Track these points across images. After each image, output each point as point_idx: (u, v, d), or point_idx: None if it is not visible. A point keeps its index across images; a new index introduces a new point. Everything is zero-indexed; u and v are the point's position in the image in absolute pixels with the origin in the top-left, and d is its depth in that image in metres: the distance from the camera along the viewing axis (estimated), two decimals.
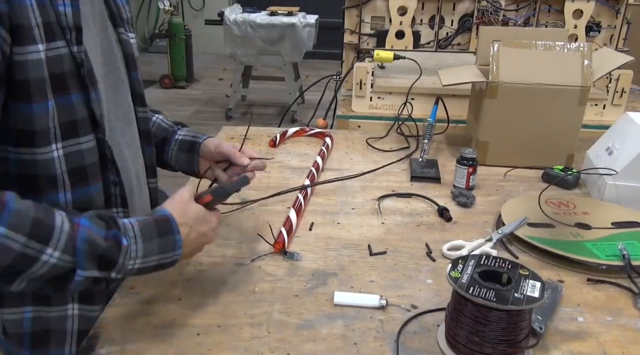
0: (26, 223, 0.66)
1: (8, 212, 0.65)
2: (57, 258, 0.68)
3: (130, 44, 0.94)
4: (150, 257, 0.76)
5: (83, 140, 0.82)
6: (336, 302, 0.88)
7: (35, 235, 0.66)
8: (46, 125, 0.76)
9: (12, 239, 0.65)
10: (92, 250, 0.70)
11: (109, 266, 0.72)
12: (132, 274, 0.76)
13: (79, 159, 0.82)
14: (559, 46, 1.39)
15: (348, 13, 1.92)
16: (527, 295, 0.73)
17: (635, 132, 1.22)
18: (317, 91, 2.15)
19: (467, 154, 1.28)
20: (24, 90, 0.73)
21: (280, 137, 1.59)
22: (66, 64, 0.77)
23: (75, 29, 0.78)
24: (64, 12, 0.76)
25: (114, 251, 0.72)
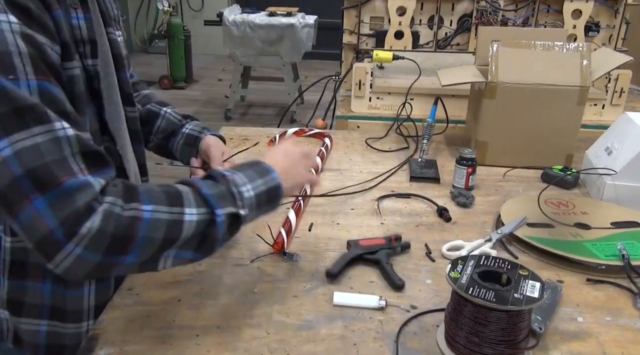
0: (161, 196, 0.71)
1: (144, 192, 0.71)
2: (196, 214, 0.72)
3: (118, 43, 0.92)
4: (256, 181, 0.79)
5: None
6: (335, 303, 0.88)
7: (173, 202, 0.71)
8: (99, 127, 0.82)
9: (159, 211, 0.70)
10: (216, 192, 0.75)
11: (234, 199, 0.76)
12: (254, 206, 0.78)
13: None
14: (558, 46, 1.39)
15: (347, 13, 1.92)
16: (527, 295, 0.72)
17: (635, 132, 1.22)
18: (316, 91, 2.15)
19: (466, 154, 1.28)
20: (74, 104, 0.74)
21: (279, 137, 1.59)
22: (81, 81, 0.77)
23: (89, 42, 0.78)
24: (78, 25, 0.76)
25: (226, 184, 0.76)
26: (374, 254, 0.98)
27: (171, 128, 1.13)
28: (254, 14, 4.44)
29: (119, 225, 0.66)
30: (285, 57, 4.44)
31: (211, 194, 0.74)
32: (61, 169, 0.65)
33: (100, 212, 0.65)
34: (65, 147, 0.66)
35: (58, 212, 0.63)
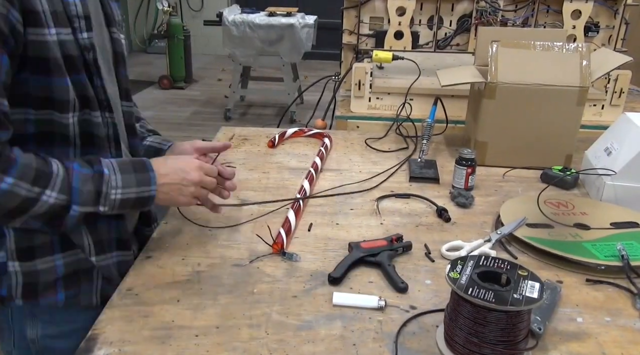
0: (30, 173, 0.80)
1: (16, 165, 0.79)
2: (55, 197, 0.82)
3: (121, 43, 1.00)
4: (130, 188, 0.88)
5: (94, 114, 0.91)
6: (335, 303, 0.88)
7: (37, 182, 0.81)
8: (66, 98, 0.85)
9: (19, 186, 0.79)
10: (83, 187, 0.84)
11: (98, 198, 0.86)
12: (116, 207, 0.88)
13: (89, 126, 0.91)
14: (557, 46, 1.39)
15: (347, 13, 1.92)
16: (526, 295, 0.72)
17: (634, 132, 1.22)
18: (315, 92, 2.15)
19: (465, 155, 1.28)
20: (42, 66, 0.82)
21: (279, 137, 1.59)
22: (74, 49, 0.85)
23: (84, 18, 0.86)
24: (74, 2, 0.85)
25: (99, 182, 0.86)
26: (375, 256, 0.98)
27: None
28: (253, 14, 4.44)
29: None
30: (285, 57, 4.44)
31: (78, 189, 0.84)
32: None
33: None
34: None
35: None
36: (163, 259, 0.99)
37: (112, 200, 0.87)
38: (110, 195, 0.86)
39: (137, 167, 0.91)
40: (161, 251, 0.99)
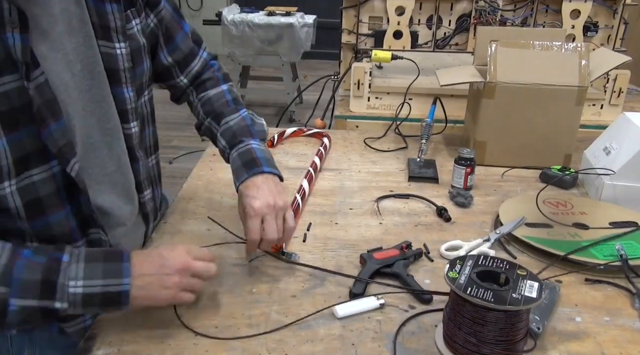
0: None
1: None
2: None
3: (113, 57, 0.86)
4: (94, 280, 0.73)
5: (35, 172, 0.78)
6: (341, 316, 0.85)
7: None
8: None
9: None
10: (29, 277, 0.70)
11: (51, 291, 0.71)
12: (78, 303, 0.72)
13: (32, 191, 0.78)
14: (556, 46, 1.39)
15: (346, 13, 1.92)
16: (525, 295, 0.73)
17: (633, 132, 1.22)
18: (315, 91, 2.15)
19: (465, 154, 1.28)
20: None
21: (278, 137, 1.59)
22: (16, 99, 0.72)
23: (24, 64, 0.72)
24: (13, 45, 0.71)
25: (53, 271, 0.71)
26: (391, 267, 0.96)
27: (225, 156, 1.05)
28: (252, 14, 4.44)
29: None
30: (284, 57, 4.44)
31: (21, 278, 0.70)
32: None
33: None
34: None
35: None
36: None
37: (72, 294, 0.71)
38: (68, 288, 0.71)
39: (109, 257, 0.76)
40: None
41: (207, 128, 1.08)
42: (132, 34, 0.90)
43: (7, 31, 0.70)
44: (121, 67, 0.88)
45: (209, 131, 1.08)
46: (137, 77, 0.93)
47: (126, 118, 0.91)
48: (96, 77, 0.85)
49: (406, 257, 0.99)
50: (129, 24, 0.89)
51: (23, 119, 0.73)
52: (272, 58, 4.49)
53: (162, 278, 0.78)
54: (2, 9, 0.69)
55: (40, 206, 0.80)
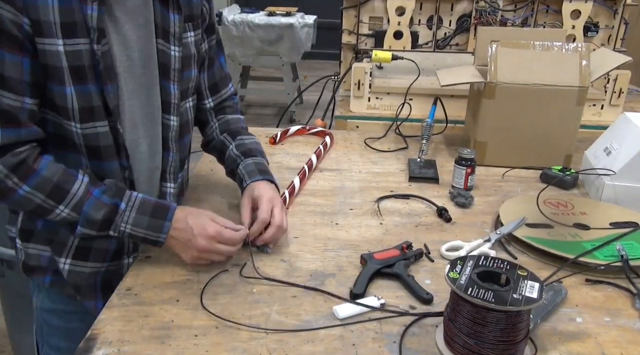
0: (47, 186, 0.88)
1: (36, 176, 0.88)
2: (67, 213, 0.91)
3: (166, 55, 1.00)
4: (139, 228, 0.93)
5: (99, 124, 0.93)
6: (342, 317, 0.85)
7: (52, 196, 0.89)
8: (64, 106, 0.90)
9: (34, 195, 0.88)
10: (94, 214, 0.91)
11: (107, 225, 0.92)
12: (125, 237, 0.94)
13: (94, 139, 0.94)
14: (557, 46, 1.39)
15: (346, 13, 1.92)
16: (526, 296, 0.72)
17: (634, 132, 1.22)
18: (315, 91, 2.15)
19: (465, 155, 1.28)
20: (45, 73, 0.87)
21: (281, 135, 1.59)
22: (85, 58, 0.88)
23: (97, 30, 0.87)
24: (90, 15, 0.86)
25: (112, 213, 0.92)
26: (391, 267, 0.96)
27: (232, 165, 1.15)
28: (253, 14, 4.44)
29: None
30: (285, 57, 4.44)
31: (87, 212, 0.91)
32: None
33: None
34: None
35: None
36: (162, 258, 0.99)
37: (122, 231, 0.93)
38: (120, 226, 0.92)
39: (157, 212, 0.94)
40: (160, 251, 0.99)
41: (220, 141, 1.19)
42: (187, 42, 1.04)
43: (87, 3, 0.86)
44: (172, 66, 1.01)
45: (221, 144, 1.19)
46: (184, 80, 1.05)
47: (168, 109, 1.04)
48: (149, 67, 0.98)
49: (407, 257, 0.99)
50: (185, 34, 1.03)
51: (91, 76, 0.89)
52: (272, 58, 4.49)
53: (186, 247, 0.95)
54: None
55: (99, 153, 0.96)
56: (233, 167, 1.15)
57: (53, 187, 0.89)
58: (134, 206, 0.93)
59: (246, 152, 1.15)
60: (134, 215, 0.93)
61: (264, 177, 1.10)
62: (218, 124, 1.20)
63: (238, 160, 1.14)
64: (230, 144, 1.17)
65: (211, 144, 1.21)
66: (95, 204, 0.91)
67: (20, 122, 0.86)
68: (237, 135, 1.19)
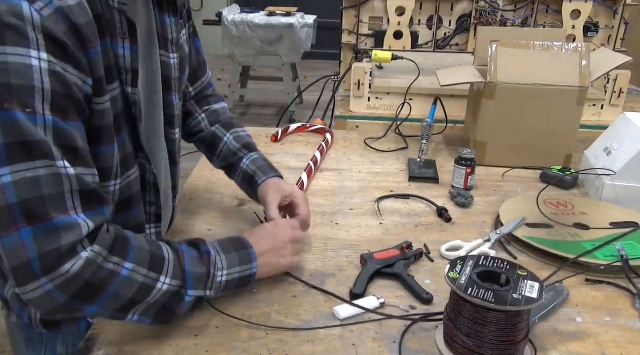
0: (145, 258, 0.75)
1: (132, 248, 0.74)
2: (168, 284, 0.76)
3: (169, 66, 0.92)
4: (233, 268, 0.84)
5: (132, 172, 0.86)
6: (342, 318, 0.85)
7: (153, 267, 0.75)
8: (110, 164, 0.80)
9: (137, 272, 0.73)
10: (196, 271, 0.79)
11: (207, 282, 0.81)
12: (221, 290, 0.83)
13: (128, 189, 0.86)
14: (557, 46, 1.39)
15: (346, 13, 1.92)
16: (526, 296, 0.72)
17: (634, 132, 1.22)
18: (315, 91, 2.15)
19: (465, 155, 1.28)
20: (96, 135, 0.76)
21: (282, 133, 1.60)
22: (120, 104, 0.80)
23: (132, 71, 0.79)
24: (123, 55, 0.78)
25: (207, 265, 0.81)
26: (391, 267, 0.96)
27: (231, 159, 1.11)
28: (253, 14, 4.44)
29: (96, 275, 0.69)
30: (285, 57, 4.44)
31: (191, 271, 0.79)
32: (55, 205, 0.66)
33: (84, 258, 0.68)
34: (65, 183, 0.67)
35: (41, 245, 0.65)
36: None
37: (218, 283, 0.82)
38: (216, 278, 0.82)
39: (237, 246, 0.87)
40: None
41: (211, 133, 1.14)
42: (181, 43, 0.96)
43: (118, 41, 0.76)
44: (173, 76, 0.93)
45: (212, 135, 1.13)
46: (182, 84, 1.00)
47: (173, 123, 0.97)
48: (155, 84, 0.90)
49: (407, 257, 0.99)
50: (180, 34, 0.95)
51: (124, 122, 0.81)
52: (272, 58, 4.49)
53: (279, 251, 0.90)
54: (115, 20, 0.75)
55: (130, 203, 0.88)
56: (233, 160, 1.11)
57: (150, 257, 0.75)
58: (218, 250, 0.84)
59: (247, 146, 1.12)
60: (224, 256, 0.83)
61: (276, 174, 1.08)
62: (205, 115, 1.15)
63: (240, 154, 1.10)
64: (224, 135, 1.13)
65: (198, 136, 1.15)
66: (192, 261, 0.80)
67: (103, 199, 0.73)
68: (230, 127, 1.14)
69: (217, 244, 0.85)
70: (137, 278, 0.73)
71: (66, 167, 0.68)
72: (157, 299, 0.75)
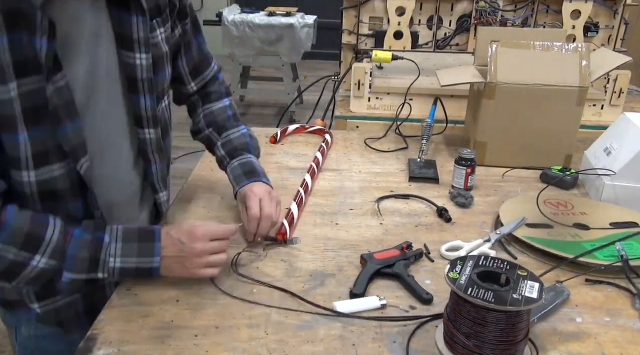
0: (19, 238, 0.79)
1: (5, 229, 0.78)
2: (45, 263, 0.80)
3: (133, 67, 0.90)
4: (130, 258, 0.85)
5: (55, 167, 0.84)
6: (340, 312, 0.86)
7: (26, 247, 0.79)
8: (16, 155, 0.80)
9: (6, 251, 0.78)
10: (79, 253, 0.82)
11: (95, 266, 0.83)
12: (115, 275, 0.85)
13: (51, 183, 0.85)
14: (556, 46, 1.39)
15: (346, 13, 1.92)
16: (526, 296, 0.72)
17: (633, 132, 1.22)
18: (315, 91, 2.15)
19: (465, 155, 1.28)
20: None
21: (281, 133, 1.59)
22: (38, 98, 0.78)
23: (47, 68, 0.77)
24: (40, 50, 0.76)
25: (97, 249, 0.84)
26: (391, 267, 0.96)
27: (220, 167, 1.16)
28: (253, 14, 4.44)
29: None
30: (285, 57, 4.44)
31: (72, 255, 0.82)
32: None
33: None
34: None
35: None
36: None
37: (111, 268, 0.84)
38: (108, 263, 0.84)
39: (143, 236, 0.87)
40: None
41: (206, 136, 1.16)
42: (156, 42, 0.94)
43: (37, 36, 0.75)
44: (139, 77, 0.91)
45: (208, 139, 1.16)
46: (158, 84, 0.97)
47: (141, 123, 0.96)
48: (114, 83, 0.90)
49: (407, 257, 0.99)
50: (153, 33, 0.93)
51: (44, 117, 0.79)
52: (272, 58, 4.49)
53: (182, 260, 0.88)
54: (35, 17, 0.75)
55: (55, 196, 0.87)
56: (222, 168, 1.16)
57: (25, 238, 0.79)
58: (117, 236, 0.85)
59: (231, 152, 1.13)
60: (121, 245, 0.85)
61: (250, 179, 1.08)
62: (203, 115, 1.16)
63: (224, 162, 1.13)
64: (217, 140, 1.14)
65: (198, 135, 1.18)
66: (79, 244, 0.82)
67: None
68: (223, 130, 1.15)
69: (121, 230, 0.87)
70: (6, 255, 0.78)
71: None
72: (35, 275, 0.81)
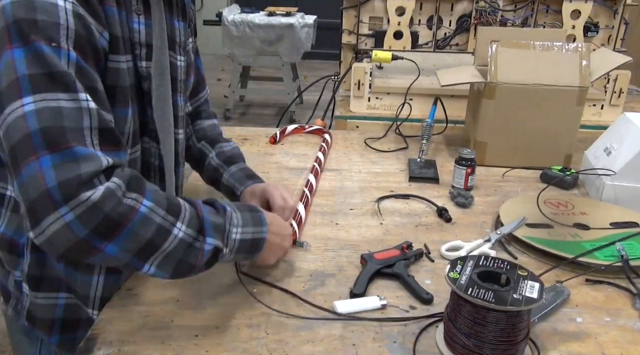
0: (162, 200, 0.73)
1: (150, 190, 0.73)
2: (184, 231, 0.74)
3: (177, 68, 0.95)
4: (247, 227, 0.83)
5: (134, 150, 0.87)
6: (340, 312, 0.86)
7: (170, 210, 0.73)
8: (122, 130, 0.81)
9: (155, 212, 0.71)
10: (214, 220, 0.78)
11: (223, 235, 0.79)
12: (234, 251, 0.81)
13: (132, 165, 0.86)
14: (557, 46, 1.39)
15: (346, 13, 1.92)
16: (526, 296, 0.72)
17: (634, 132, 1.22)
18: (315, 91, 2.15)
19: (465, 155, 1.28)
20: (111, 94, 0.77)
21: (280, 134, 1.59)
22: (131, 78, 0.81)
23: (146, 46, 0.83)
24: (138, 29, 0.81)
25: (222, 219, 0.80)
26: (392, 267, 0.96)
27: (214, 176, 1.14)
28: (253, 14, 4.44)
29: (115, 208, 0.67)
30: (285, 57, 4.44)
31: (209, 220, 0.77)
32: (74, 136, 0.67)
33: (102, 188, 0.67)
34: (85, 117, 0.69)
35: (60, 173, 0.65)
36: None
37: (233, 240, 0.80)
38: (231, 234, 0.80)
39: (250, 208, 0.87)
40: None
41: (198, 149, 1.16)
42: (189, 49, 1.00)
43: (133, 17, 0.80)
44: (179, 78, 0.97)
45: (199, 152, 1.16)
46: (187, 88, 1.03)
47: (177, 123, 0.99)
48: (164, 80, 0.93)
49: (407, 257, 0.99)
50: (188, 40, 0.99)
51: (134, 97, 0.83)
52: (272, 58, 4.49)
53: (277, 250, 0.91)
54: None
55: None
56: (216, 176, 1.13)
57: (166, 200, 0.74)
58: (233, 207, 0.83)
59: (227, 160, 1.13)
60: (240, 214, 0.83)
61: (254, 181, 1.09)
62: (194, 130, 1.17)
63: (221, 170, 1.12)
64: (209, 152, 1.15)
65: (188, 151, 1.17)
66: (210, 211, 0.79)
67: (120, 142, 0.74)
68: (215, 142, 1.17)
69: (231, 203, 0.85)
70: (155, 218, 0.71)
71: (88, 100, 0.69)
72: (174, 247, 0.73)
